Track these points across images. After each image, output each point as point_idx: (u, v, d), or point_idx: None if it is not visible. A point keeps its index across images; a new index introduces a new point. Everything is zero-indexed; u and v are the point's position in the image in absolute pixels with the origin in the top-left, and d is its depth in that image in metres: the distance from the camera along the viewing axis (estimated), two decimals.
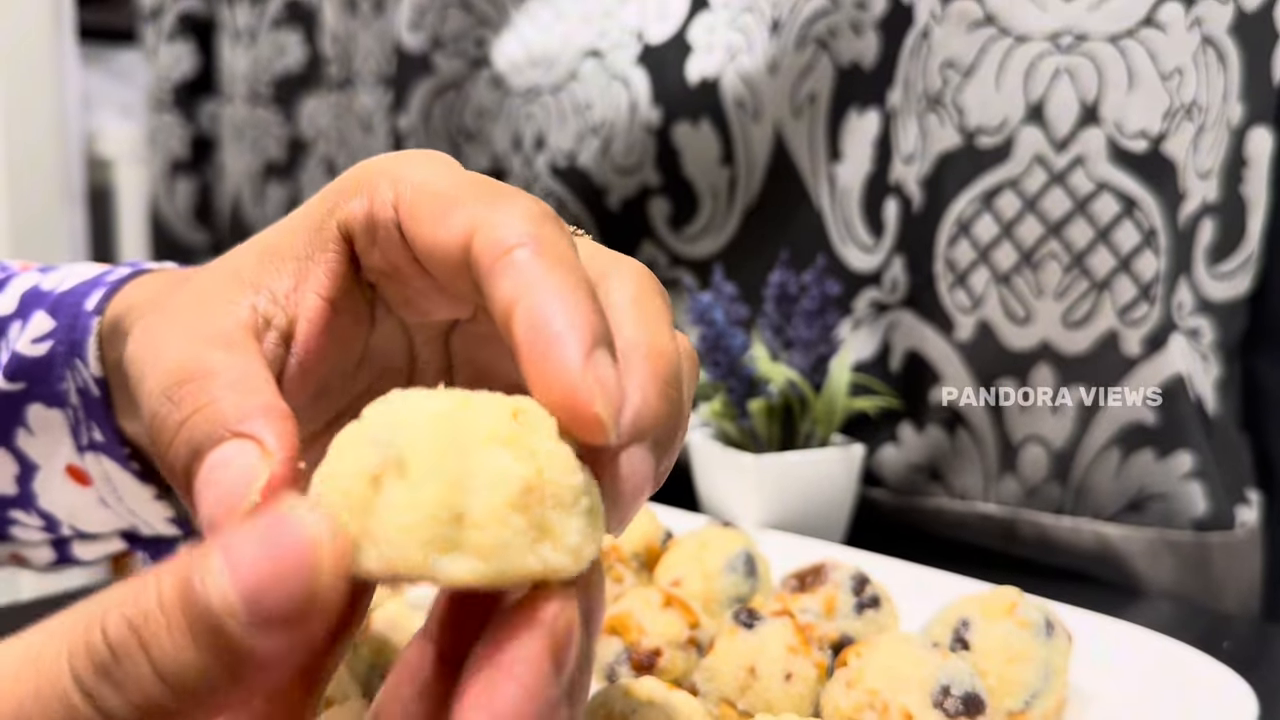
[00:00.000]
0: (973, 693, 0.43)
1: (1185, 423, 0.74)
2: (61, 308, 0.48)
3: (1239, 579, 0.77)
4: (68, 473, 0.51)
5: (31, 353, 0.48)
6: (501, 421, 0.25)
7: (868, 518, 0.84)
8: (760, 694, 0.47)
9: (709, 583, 0.59)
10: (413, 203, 0.32)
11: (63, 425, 0.49)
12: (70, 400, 0.48)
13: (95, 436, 0.48)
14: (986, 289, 0.76)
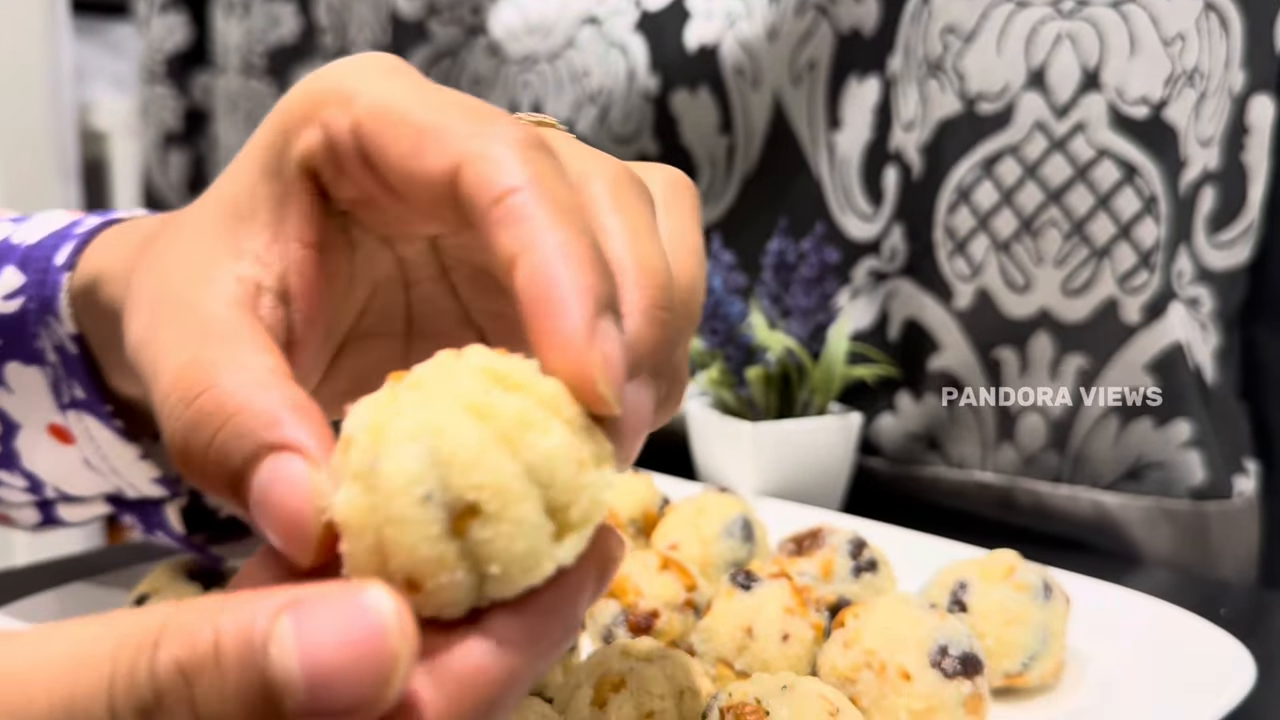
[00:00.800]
0: (970, 653, 0.43)
1: (1184, 392, 0.73)
2: (30, 261, 0.46)
3: (1236, 548, 0.77)
4: (50, 431, 0.49)
5: (4, 309, 0.47)
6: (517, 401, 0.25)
7: (865, 486, 0.83)
8: (757, 654, 0.47)
9: (706, 548, 0.59)
10: (378, 131, 0.30)
11: (42, 383, 0.48)
12: (48, 358, 0.46)
13: (76, 394, 0.46)
14: (986, 256, 0.75)
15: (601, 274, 0.27)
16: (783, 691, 0.39)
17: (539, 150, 0.28)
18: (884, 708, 0.42)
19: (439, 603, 0.24)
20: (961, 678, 0.43)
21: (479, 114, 0.29)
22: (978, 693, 0.43)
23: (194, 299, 0.31)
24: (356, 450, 0.25)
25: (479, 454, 0.24)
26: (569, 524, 0.25)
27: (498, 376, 0.25)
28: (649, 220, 0.30)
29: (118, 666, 0.22)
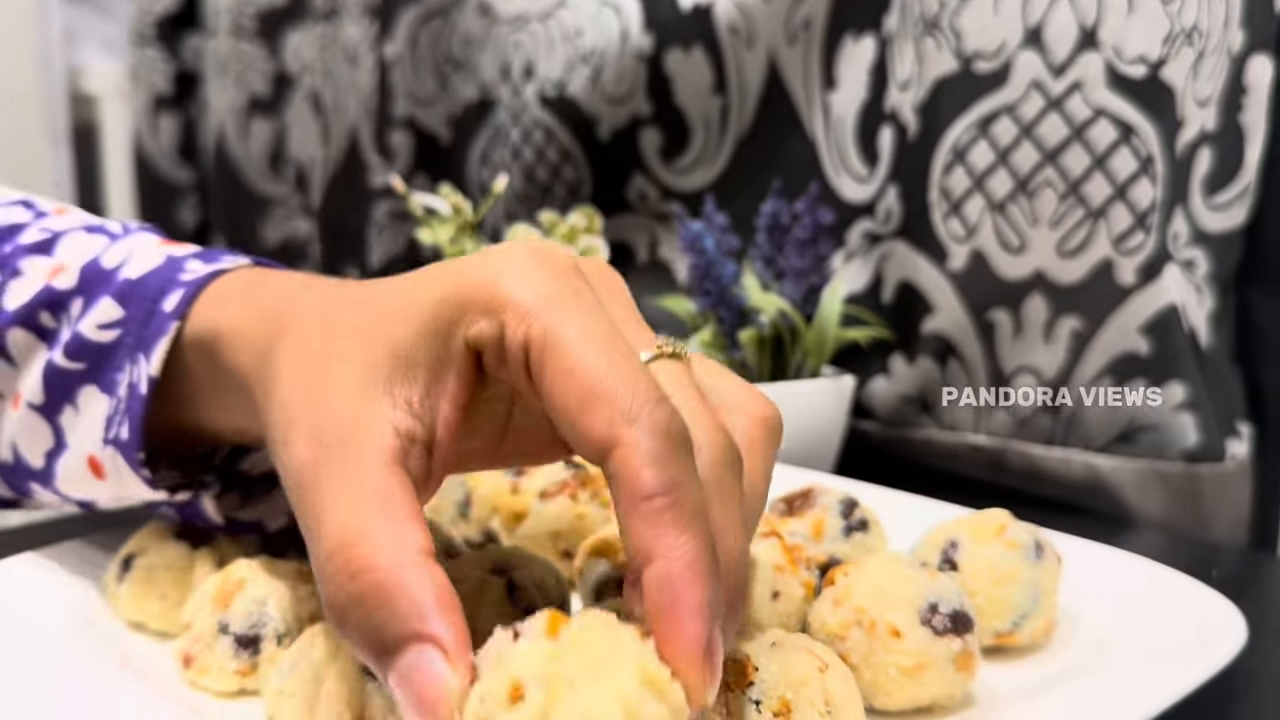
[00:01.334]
0: (960, 610, 0.43)
1: (1178, 354, 0.73)
2: (133, 300, 0.49)
3: (1228, 511, 0.77)
4: (88, 463, 0.51)
5: (97, 338, 0.49)
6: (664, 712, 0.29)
7: (857, 449, 0.83)
8: (747, 612, 0.46)
9: None
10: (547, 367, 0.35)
11: (103, 413, 0.50)
12: (118, 392, 0.49)
13: (121, 433, 0.48)
14: (981, 217, 0.75)
15: (716, 587, 0.33)
16: (771, 648, 0.39)
17: (680, 450, 0.33)
18: (873, 664, 0.42)
19: None
20: (951, 635, 0.42)
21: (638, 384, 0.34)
22: (968, 650, 0.43)
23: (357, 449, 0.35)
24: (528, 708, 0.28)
25: None
26: None
27: (651, 681, 0.29)
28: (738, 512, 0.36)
29: None
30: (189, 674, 0.45)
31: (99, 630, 0.49)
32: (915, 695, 0.42)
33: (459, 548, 0.53)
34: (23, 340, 0.52)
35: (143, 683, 0.44)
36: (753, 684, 0.37)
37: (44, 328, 0.52)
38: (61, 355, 0.50)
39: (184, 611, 0.47)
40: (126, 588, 0.49)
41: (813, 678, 0.38)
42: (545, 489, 0.57)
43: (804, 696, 0.37)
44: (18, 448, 0.53)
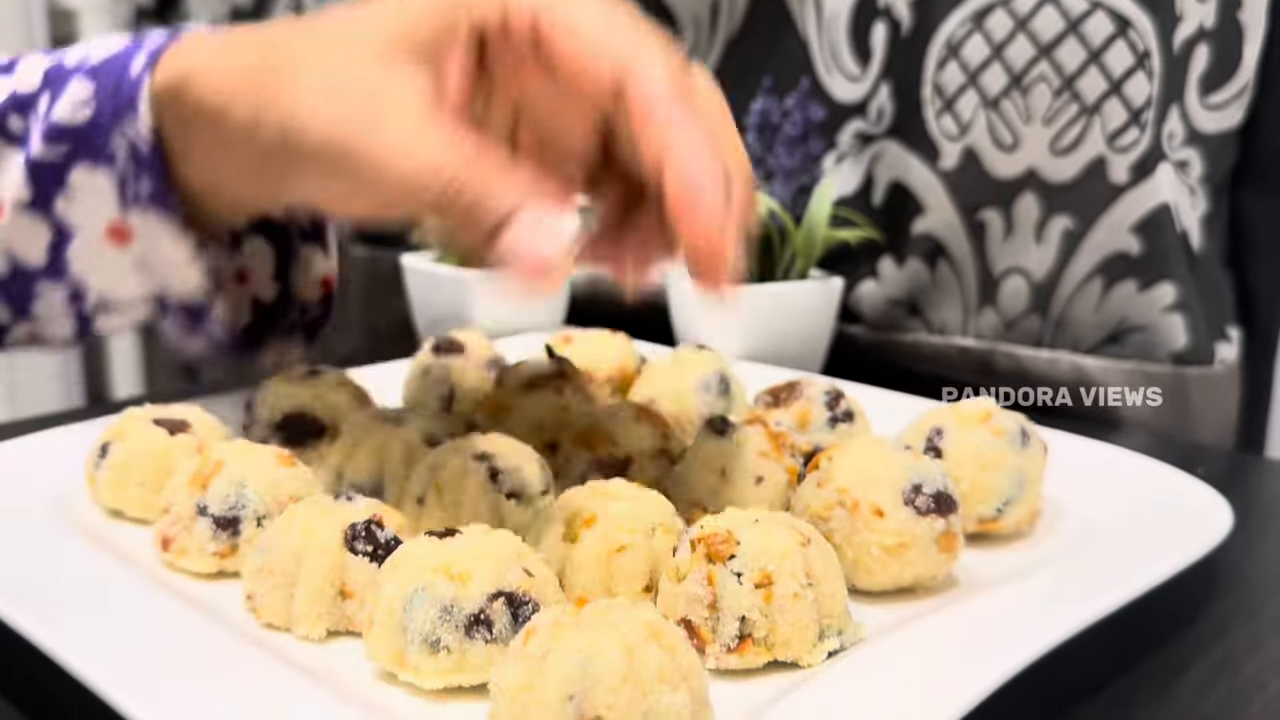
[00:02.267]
0: (944, 491, 0.43)
1: (1169, 254, 0.72)
2: (100, 74, 0.51)
3: (1215, 414, 0.76)
4: (108, 233, 0.53)
5: (73, 118, 0.51)
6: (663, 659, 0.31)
7: (845, 353, 0.83)
8: (731, 497, 0.46)
9: (682, 402, 0.58)
10: (563, 25, 0.40)
11: (108, 184, 0.52)
12: (118, 158, 0.51)
13: (142, 189, 0.51)
14: (974, 114, 0.73)
15: (723, 169, 0.37)
16: (754, 524, 0.39)
17: (684, 70, 0.39)
18: (856, 544, 0.42)
19: None
20: (935, 515, 0.42)
21: (638, 31, 0.39)
22: (950, 531, 0.42)
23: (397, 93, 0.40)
24: (535, 640, 0.31)
25: (620, 683, 0.30)
26: None
27: (656, 634, 0.31)
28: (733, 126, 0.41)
29: None
30: (167, 556, 0.44)
31: (77, 518, 0.49)
32: (897, 575, 0.42)
33: (441, 440, 0.53)
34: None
35: (121, 566, 0.43)
36: (734, 557, 0.37)
37: (11, 132, 0.53)
38: (41, 145, 0.52)
39: (162, 496, 0.46)
40: (105, 474, 0.49)
41: (794, 551, 0.37)
42: (529, 380, 0.56)
43: (785, 569, 0.37)
44: (12, 253, 0.55)
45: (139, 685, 0.33)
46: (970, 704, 0.32)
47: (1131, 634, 0.44)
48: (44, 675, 0.36)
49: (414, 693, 0.36)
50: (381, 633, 0.36)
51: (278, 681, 0.35)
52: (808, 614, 0.37)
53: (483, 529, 0.39)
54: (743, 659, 0.37)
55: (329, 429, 0.54)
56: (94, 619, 0.38)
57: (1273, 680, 0.41)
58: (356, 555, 0.40)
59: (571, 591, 0.40)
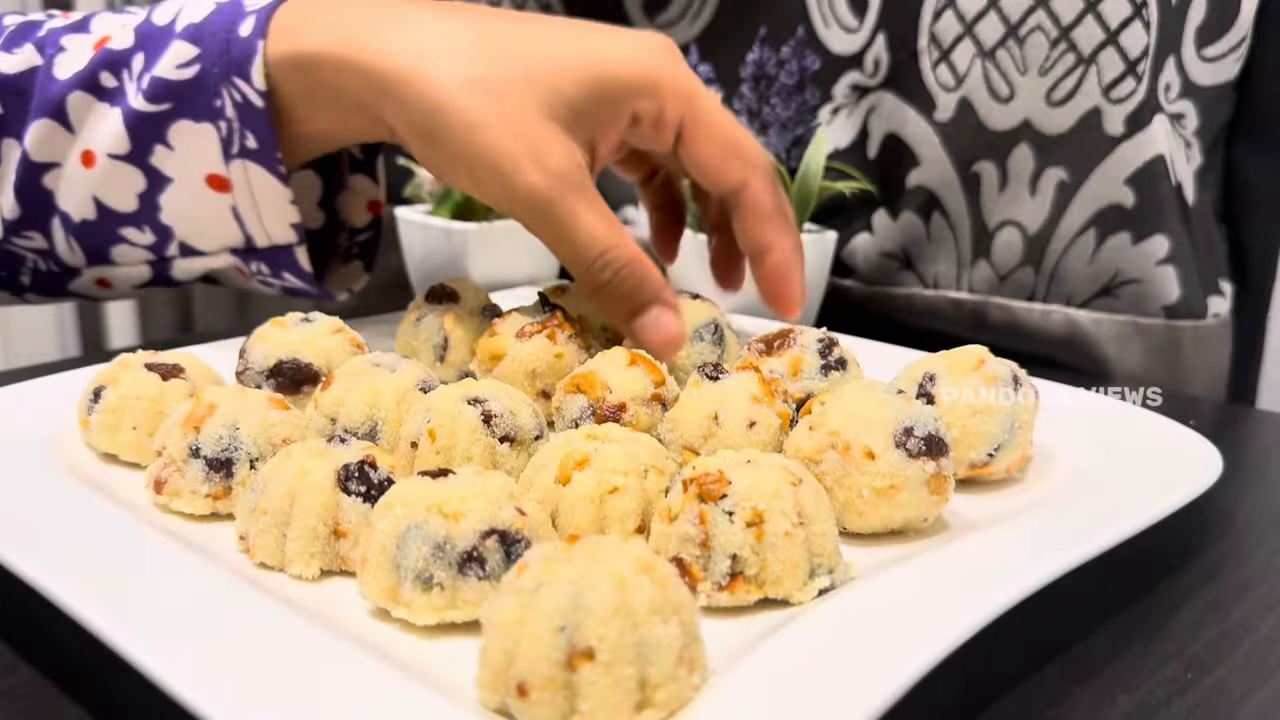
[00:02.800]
0: (935, 434, 0.43)
1: (1163, 206, 0.72)
2: (204, 37, 0.56)
3: (1207, 367, 0.77)
4: (207, 181, 0.58)
5: (178, 76, 0.56)
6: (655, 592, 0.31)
7: (838, 306, 0.83)
8: (723, 441, 0.46)
9: None
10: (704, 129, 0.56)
11: (212, 137, 0.57)
12: (226, 114, 0.56)
13: (248, 144, 0.56)
14: (970, 65, 0.73)
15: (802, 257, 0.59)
16: (746, 464, 0.39)
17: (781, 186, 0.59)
18: (847, 486, 0.42)
19: (533, 714, 0.30)
20: (926, 458, 0.42)
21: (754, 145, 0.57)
22: (941, 473, 0.43)
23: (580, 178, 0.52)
24: (527, 574, 0.31)
25: (611, 614, 0.30)
26: (653, 702, 0.30)
27: (647, 568, 0.31)
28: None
29: None
30: (160, 499, 0.44)
31: (70, 462, 0.49)
32: (888, 517, 0.42)
33: (434, 386, 0.53)
34: (82, 103, 0.58)
35: (115, 509, 0.43)
36: (726, 496, 0.37)
37: (104, 87, 0.58)
38: (142, 101, 0.56)
39: (154, 439, 0.46)
40: (97, 418, 0.49)
41: (784, 490, 0.38)
42: (523, 328, 0.56)
43: (776, 508, 0.37)
44: (101, 200, 0.59)
45: (133, 625, 0.33)
46: (959, 641, 0.33)
47: (1123, 577, 0.44)
48: (40, 617, 0.36)
49: (407, 629, 0.36)
50: (375, 570, 0.36)
51: (272, 620, 0.35)
52: (798, 552, 0.37)
53: (476, 469, 0.39)
54: (734, 596, 0.37)
55: (322, 375, 0.54)
56: (88, 561, 0.38)
57: (1262, 622, 0.42)
58: (350, 495, 0.40)
59: (564, 532, 0.41)
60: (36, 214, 0.61)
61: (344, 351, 0.55)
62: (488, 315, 0.62)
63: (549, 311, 0.58)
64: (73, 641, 0.35)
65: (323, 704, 0.30)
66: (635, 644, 0.30)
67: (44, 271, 0.63)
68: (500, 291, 0.78)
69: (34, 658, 0.38)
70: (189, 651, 0.32)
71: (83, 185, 0.59)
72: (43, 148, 0.59)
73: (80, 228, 0.60)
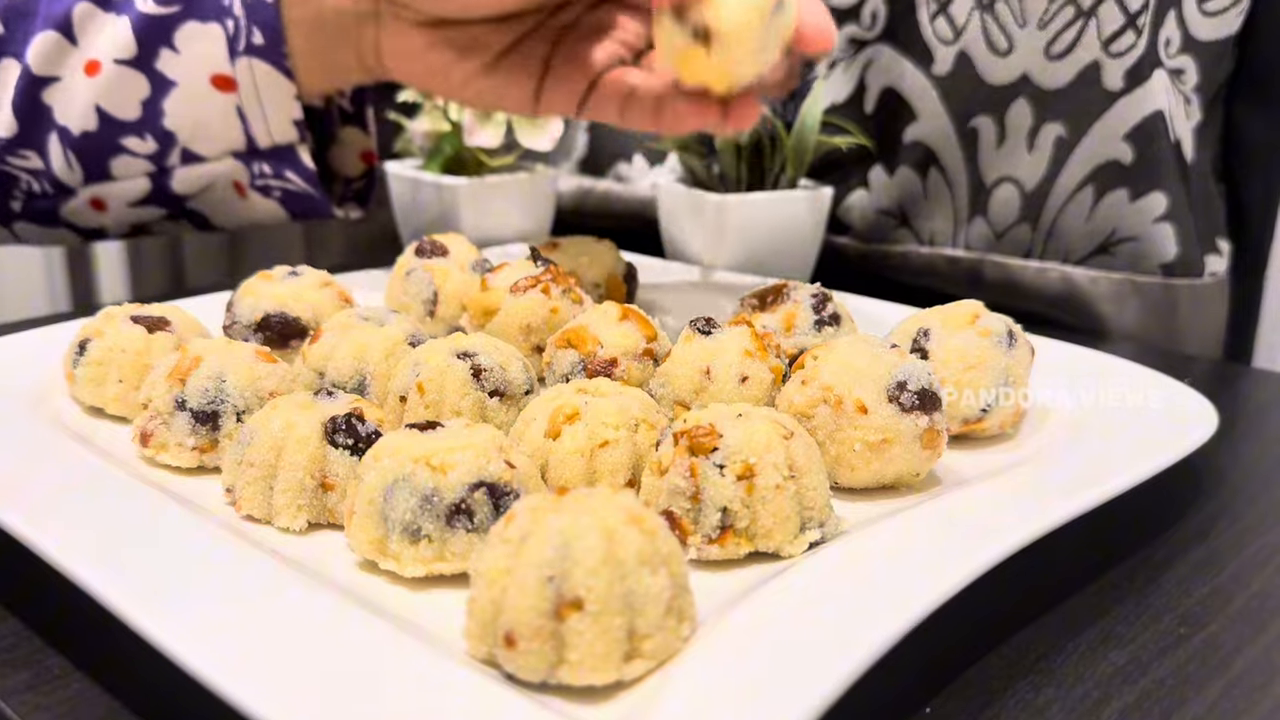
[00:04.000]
0: (928, 388, 0.42)
1: (1161, 163, 0.72)
2: None
3: (1203, 326, 0.76)
4: (212, 82, 0.59)
5: None
6: (643, 542, 0.30)
7: (834, 264, 0.82)
8: (715, 395, 0.46)
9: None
10: None
11: (219, 37, 0.58)
12: (233, 11, 0.57)
13: (255, 40, 0.57)
14: (969, 17, 0.72)
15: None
16: (737, 418, 0.38)
17: None
18: (839, 440, 0.42)
19: (521, 664, 0.30)
20: (919, 412, 0.42)
21: None
22: (934, 428, 0.42)
23: None
24: (515, 524, 0.31)
25: (599, 564, 0.29)
26: (640, 652, 0.30)
27: (636, 519, 0.31)
28: None
29: None
30: (147, 451, 0.44)
31: (55, 415, 0.48)
32: (880, 471, 0.42)
33: (423, 340, 0.52)
34: (85, 14, 0.59)
35: (101, 461, 0.43)
36: (716, 449, 0.37)
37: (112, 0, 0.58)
38: (152, 4, 0.57)
39: (140, 392, 0.46)
40: (83, 371, 0.48)
41: (776, 443, 0.37)
42: (517, 283, 0.56)
43: (767, 461, 0.37)
44: (104, 108, 0.60)
45: (120, 579, 0.33)
46: (948, 595, 0.32)
47: (1116, 533, 0.44)
48: (25, 570, 0.36)
49: (395, 581, 0.36)
50: (362, 522, 0.36)
51: (259, 571, 0.35)
52: (789, 505, 0.37)
53: (464, 422, 0.38)
54: (724, 549, 0.37)
55: (310, 329, 0.53)
56: (75, 514, 0.38)
57: (1254, 578, 0.41)
58: (337, 448, 0.40)
59: (554, 486, 0.40)
60: (33, 131, 0.60)
61: (332, 305, 0.55)
62: (478, 270, 0.62)
63: (542, 266, 0.58)
64: (58, 594, 0.34)
65: (311, 656, 0.30)
66: (623, 594, 0.30)
67: (38, 193, 0.63)
68: (491, 248, 0.77)
69: (18, 609, 0.37)
70: (176, 604, 0.32)
71: (85, 95, 0.59)
72: (44, 60, 0.59)
73: (80, 140, 0.60)
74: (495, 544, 0.31)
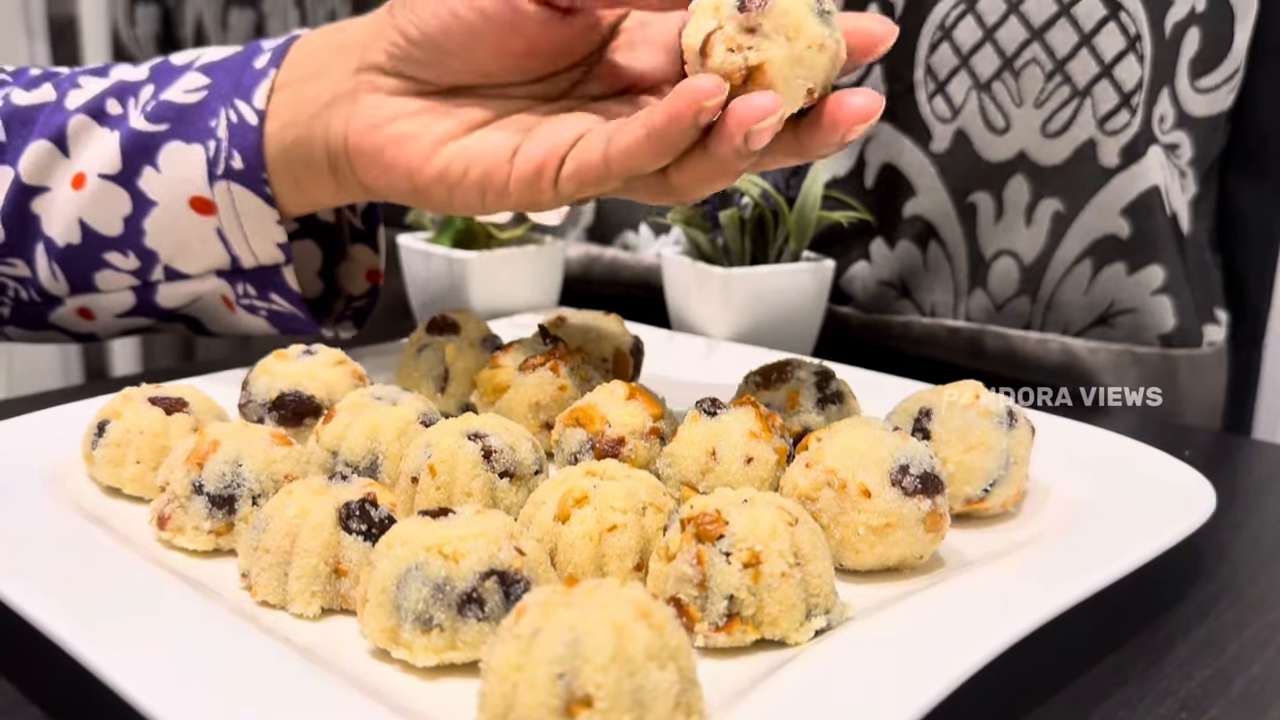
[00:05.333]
0: (931, 472, 0.43)
1: (1158, 237, 0.73)
2: (218, 70, 0.58)
3: (1203, 396, 0.77)
4: (191, 205, 0.58)
5: (184, 100, 0.57)
6: (652, 637, 0.31)
7: (836, 334, 0.83)
8: (720, 477, 0.47)
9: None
10: None
11: (200, 160, 0.57)
12: (217, 134, 0.57)
13: (234, 165, 0.56)
14: (966, 97, 0.74)
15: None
16: (743, 504, 0.39)
17: None
18: (843, 524, 0.42)
19: None
20: (921, 496, 0.43)
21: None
22: (937, 511, 0.43)
23: None
24: (525, 619, 0.31)
25: (609, 662, 0.30)
26: None
27: (645, 613, 0.31)
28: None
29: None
30: (164, 534, 0.45)
31: (73, 495, 0.49)
32: (884, 555, 0.43)
33: (435, 420, 0.53)
34: (80, 126, 0.59)
35: (118, 543, 0.44)
36: (723, 536, 0.38)
37: (108, 114, 0.58)
38: (143, 120, 0.57)
39: (158, 474, 0.47)
40: (101, 452, 0.49)
41: (781, 530, 0.38)
42: (527, 361, 0.57)
43: (773, 548, 0.37)
44: (87, 223, 0.59)
45: (135, 662, 0.33)
46: (955, 682, 0.33)
47: (1117, 614, 0.44)
48: (40, 653, 0.36)
49: (407, 670, 0.36)
50: (375, 610, 0.37)
51: (273, 659, 0.36)
52: (795, 593, 0.38)
53: (475, 508, 0.39)
54: (731, 637, 0.37)
55: (324, 407, 0.54)
56: (91, 597, 0.38)
57: (1256, 660, 0.42)
58: (351, 534, 0.41)
59: (563, 570, 0.41)
60: (21, 239, 0.60)
61: (346, 383, 0.56)
62: (488, 347, 0.63)
63: (550, 344, 0.59)
64: (74, 679, 0.35)
65: None
66: (633, 690, 0.30)
67: (25, 301, 0.63)
68: (501, 319, 0.78)
69: (36, 695, 0.38)
70: (189, 689, 0.32)
71: (70, 207, 0.59)
72: (36, 170, 0.59)
73: (64, 252, 0.60)
74: (506, 639, 0.31)
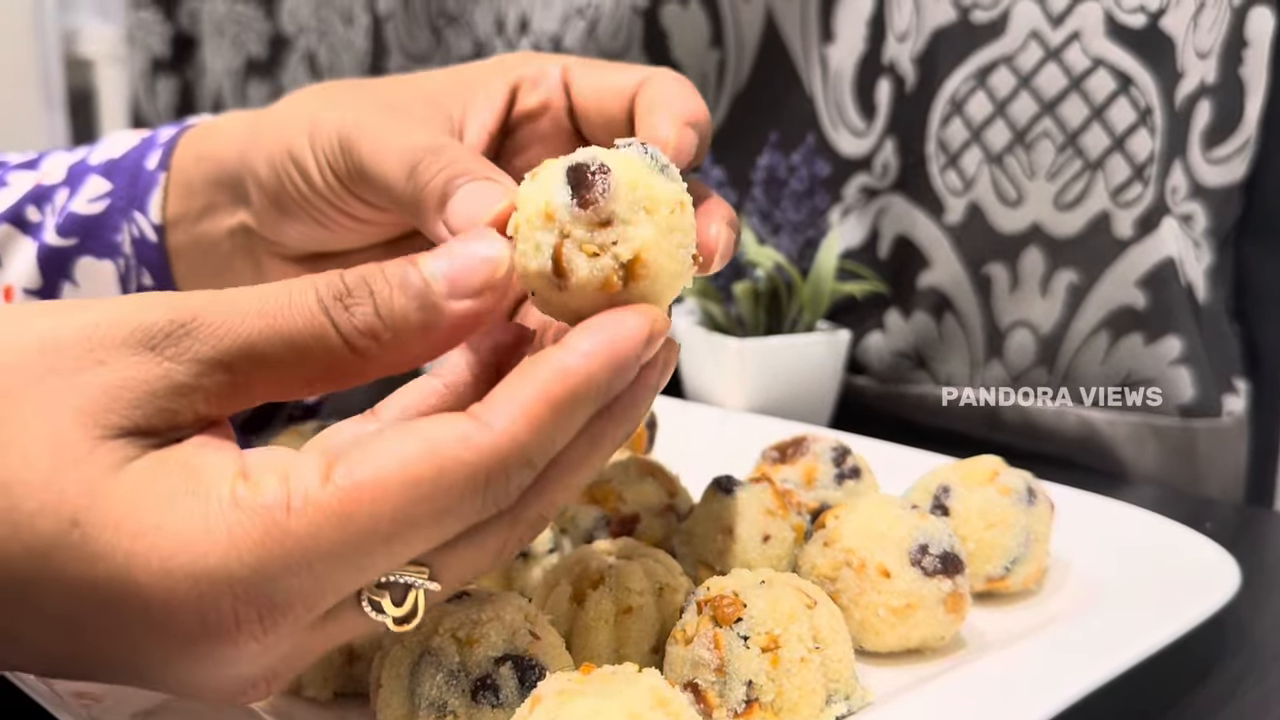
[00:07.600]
0: (951, 552, 0.43)
1: (1175, 307, 0.73)
2: (117, 171, 0.55)
3: (1224, 467, 0.76)
4: None
5: (87, 211, 0.55)
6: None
7: (852, 405, 0.83)
8: (738, 555, 0.46)
9: None
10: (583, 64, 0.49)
11: (112, 276, 0.55)
12: (124, 250, 0.55)
13: (145, 282, 0.55)
14: (978, 170, 0.74)
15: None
16: (761, 586, 0.39)
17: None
18: (863, 605, 0.42)
19: None
20: (942, 576, 0.42)
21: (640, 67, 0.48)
22: (958, 591, 0.43)
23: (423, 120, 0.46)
24: (540, 709, 0.31)
25: None
26: None
27: (662, 702, 0.31)
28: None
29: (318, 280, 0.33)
30: None
31: None
32: (904, 636, 0.42)
33: None
34: (6, 236, 0.57)
35: None
36: (741, 620, 0.37)
37: (28, 221, 0.57)
38: (55, 235, 0.55)
39: None
40: None
41: (800, 614, 0.37)
42: None
43: (792, 632, 0.37)
44: None
45: None
46: None
47: (1140, 694, 0.44)
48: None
49: None
50: (389, 696, 0.36)
51: None
52: (815, 678, 0.37)
53: (489, 590, 0.39)
54: None
55: None
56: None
57: None
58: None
59: (579, 652, 0.40)
60: None
61: None
62: None
63: None
64: None
65: None
66: None
67: None
68: None
69: None
70: None
71: None
72: None
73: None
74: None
